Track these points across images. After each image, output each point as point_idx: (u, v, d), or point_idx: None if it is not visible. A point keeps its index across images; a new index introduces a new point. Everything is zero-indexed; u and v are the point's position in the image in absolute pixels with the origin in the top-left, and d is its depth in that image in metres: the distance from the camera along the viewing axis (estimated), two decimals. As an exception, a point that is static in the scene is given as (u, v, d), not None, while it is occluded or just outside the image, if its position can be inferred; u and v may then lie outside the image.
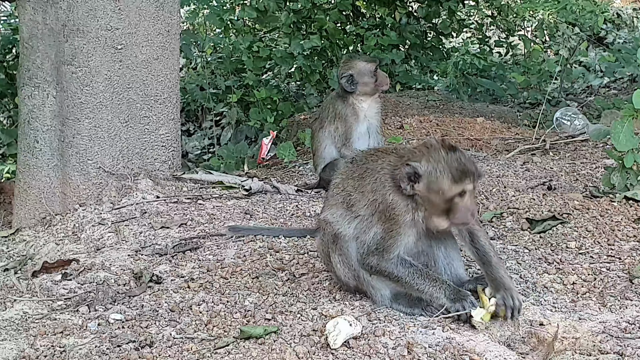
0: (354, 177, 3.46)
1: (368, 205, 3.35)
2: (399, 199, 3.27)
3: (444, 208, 3.24)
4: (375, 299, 3.40)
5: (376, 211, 3.32)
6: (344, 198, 3.46)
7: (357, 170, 3.46)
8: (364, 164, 3.45)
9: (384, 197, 3.29)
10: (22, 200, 5.56)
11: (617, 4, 13.76)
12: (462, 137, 7.21)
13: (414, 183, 3.23)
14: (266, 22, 9.85)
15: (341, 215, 3.44)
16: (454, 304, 3.19)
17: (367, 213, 3.35)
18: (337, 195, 3.51)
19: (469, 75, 10.23)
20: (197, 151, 10.51)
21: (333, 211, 3.48)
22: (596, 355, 2.92)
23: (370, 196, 3.34)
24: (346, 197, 3.45)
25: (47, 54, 5.44)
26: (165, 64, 5.69)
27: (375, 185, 3.34)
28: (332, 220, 3.46)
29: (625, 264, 3.70)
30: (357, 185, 3.42)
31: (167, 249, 4.41)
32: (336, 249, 3.44)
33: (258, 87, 9.41)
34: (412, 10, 10.50)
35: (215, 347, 3.03)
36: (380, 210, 3.30)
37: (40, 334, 3.28)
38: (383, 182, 3.32)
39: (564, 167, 5.66)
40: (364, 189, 3.38)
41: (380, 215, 3.31)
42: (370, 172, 3.39)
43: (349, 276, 3.44)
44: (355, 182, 3.43)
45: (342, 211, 3.45)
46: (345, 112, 5.72)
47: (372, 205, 3.34)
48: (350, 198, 3.42)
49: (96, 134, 5.48)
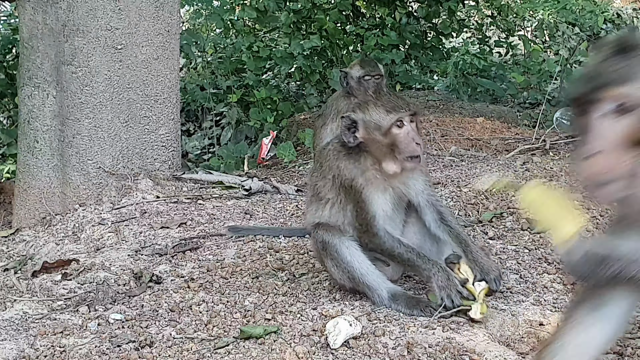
0: (316, 168, 3.60)
1: (331, 185, 3.45)
2: (348, 163, 3.39)
3: (388, 146, 3.31)
4: (374, 300, 3.40)
5: (339, 186, 3.42)
6: (313, 191, 3.56)
7: (318, 161, 3.63)
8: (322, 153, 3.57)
9: (338, 168, 3.41)
10: (22, 200, 5.56)
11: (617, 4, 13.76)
12: (462, 137, 7.21)
13: (354, 131, 3.35)
14: (266, 22, 9.86)
15: (316, 208, 3.53)
16: (441, 291, 3.22)
17: (333, 194, 3.46)
18: (308, 193, 3.65)
19: (469, 75, 10.24)
20: (197, 151, 10.51)
21: (310, 209, 3.58)
22: (596, 355, 2.92)
23: (329, 175, 3.45)
24: (314, 189, 3.55)
25: (47, 54, 5.44)
26: (165, 64, 5.70)
27: (329, 163, 3.46)
28: (312, 219, 3.53)
29: (625, 264, 3.70)
30: (320, 173, 3.53)
31: (167, 249, 4.41)
32: (327, 254, 3.45)
33: (258, 87, 9.41)
34: (412, 10, 10.50)
35: (215, 347, 3.03)
36: (340, 183, 3.41)
37: (40, 334, 3.27)
38: (333, 155, 3.45)
39: (564, 167, 5.66)
40: (324, 173, 3.49)
41: (344, 190, 3.41)
42: (326, 155, 3.50)
43: (344, 278, 3.44)
44: (318, 172, 3.55)
45: (315, 205, 3.54)
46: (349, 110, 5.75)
47: (334, 183, 3.44)
48: (317, 187, 3.53)
49: (96, 134, 5.48)
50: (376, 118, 3.33)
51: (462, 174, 5.52)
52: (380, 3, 10.18)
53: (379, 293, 3.38)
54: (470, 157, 6.46)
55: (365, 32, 9.75)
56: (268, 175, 6.45)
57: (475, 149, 6.93)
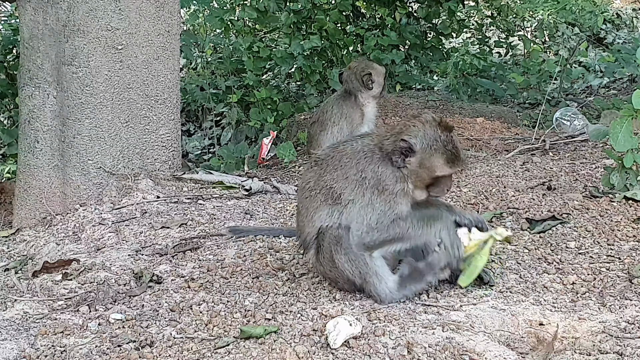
0: (329, 171, 3.46)
1: (357, 187, 3.38)
2: (388, 170, 3.35)
3: (428, 183, 3.39)
4: (380, 293, 3.40)
5: (368, 187, 3.36)
6: (325, 196, 3.44)
7: (331, 164, 3.47)
8: (336, 156, 3.48)
9: (374, 171, 3.36)
10: (23, 200, 5.57)
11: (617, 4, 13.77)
12: (462, 137, 7.21)
13: (407, 157, 3.32)
14: (266, 22, 9.85)
15: (328, 213, 3.44)
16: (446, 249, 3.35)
17: (358, 195, 3.38)
18: (313, 199, 3.48)
19: (468, 76, 10.24)
20: (197, 151, 10.52)
21: (319, 215, 3.46)
22: (596, 355, 2.92)
23: (358, 176, 3.37)
24: (327, 193, 3.44)
25: (47, 54, 5.45)
26: (166, 64, 5.70)
27: (361, 165, 3.38)
28: (322, 224, 3.45)
29: (625, 264, 3.71)
30: (337, 175, 3.43)
31: (167, 249, 4.41)
32: (341, 249, 3.41)
33: (258, 88, 9.41)
34: (412, 11, 10.50)
35: (216, 347, 3.04)
36: (372, 185, 3.35)
37: (41, 333, 3.28)
38: (369, 157, 3.39)
39: (564, 167, 5.66)
40: (347, 174, 3.40)
41: (373, 190, 3.35)
42: (350, 156, 3.43)
43: (355, 273, 3.41)
44: (333, 175, 3.44)
45: (327, 209, 3.44)
46: (353, 113, 5.79)
47: (361, 184, 3.37)
48: (333, 191, 3.42)
49: (96, 134, 5.49)
50: (434, 163, 3.34)
51: (462, 174, 5.52)
52: (380, 3, 10.18)
53: (387, 283, 3.39)
54: (470, 157, 6.47)
55: (365, 32, 9.75)
56: (268, 176, 6.45)
57: (475, 149, 6.93)
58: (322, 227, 3.45)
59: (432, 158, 3.31)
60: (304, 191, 3.55)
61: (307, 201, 3.52)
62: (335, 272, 3.49)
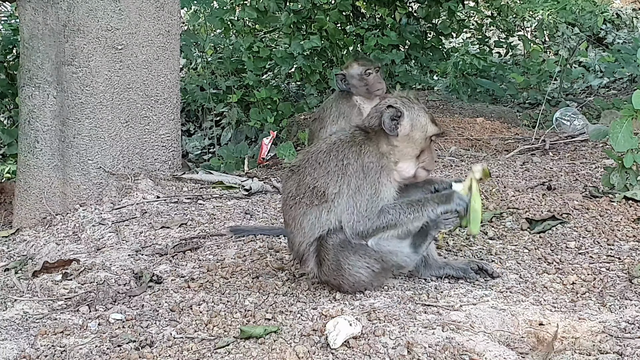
0: (308, 173, 3.45)
1: (341, 177, 3.38)
2: (370, 148, 3.41)
3: (417, 151, 3.44)
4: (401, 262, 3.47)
5: (352, 174, 3.37)
6: (309, 199, 3.43)
7: (309, 166, 3.46)
8: (312, 157, 3.48)
9: (357, 153, 3.39)
10: (23, 200, 5.57)
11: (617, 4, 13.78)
12: (462, 137, 7.21)
13: (397, 122, 3.39)
14: (266, 22, 9.87)
15: (316, 215, 3.42)
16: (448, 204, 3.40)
17: (343, 185, 3.38)
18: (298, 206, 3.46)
19: (468, 76, 10.25)
20: (197, 151, 10.52)
21: (308, 220, 3.44)
22: (596, 355, 2.92)
23: (340, 165, 3.38)
24: (311, 194, 3.42)
25: (47, 54, 5.45)
26: (166, 64, 5.70)
27: (341, 154, 3.41)
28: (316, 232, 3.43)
29: (625, 264, 3.71)
30: (318, 174, 3.42)
31: (167, 249, 4.41)
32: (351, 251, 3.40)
33: (258, 88, 9.42)
34: (412, 11, 10.51)
35: (216, 347, 3.04)
36: (356, 169, 3.37)
37: (41, 333, 3.28)
38: (349, 143, 3.43)
39: (564, 167, 5.66)
40: (328, 168, 3.41)
41: (357, 175, 3.37)
42: (327, 151, 3.44)
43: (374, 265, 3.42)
44: (314, 175, 3.43)
45: (315, 211, 3.42)
46: (350, 112, 5.76)
47: (344, 172, 3.38)
48: (317, 190, 3.41)
49: (96, 134, 5.49)
50: (423, 122, 3.43)
51: (462, 174, 5.52)
52: (380, 3, 10.18)
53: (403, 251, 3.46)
54: (470, 157, 6.47)
55: (365, 32, 9.75)
56: (268, 175, 6.45)
57: (475, 149, 6.93)
58: (319, 236, 3.43)
59: (420, 118, 3.43)
60: (287, 202, 3.52)
61: (292, 210, 3.49)
62: (341, 279, 3.47)
